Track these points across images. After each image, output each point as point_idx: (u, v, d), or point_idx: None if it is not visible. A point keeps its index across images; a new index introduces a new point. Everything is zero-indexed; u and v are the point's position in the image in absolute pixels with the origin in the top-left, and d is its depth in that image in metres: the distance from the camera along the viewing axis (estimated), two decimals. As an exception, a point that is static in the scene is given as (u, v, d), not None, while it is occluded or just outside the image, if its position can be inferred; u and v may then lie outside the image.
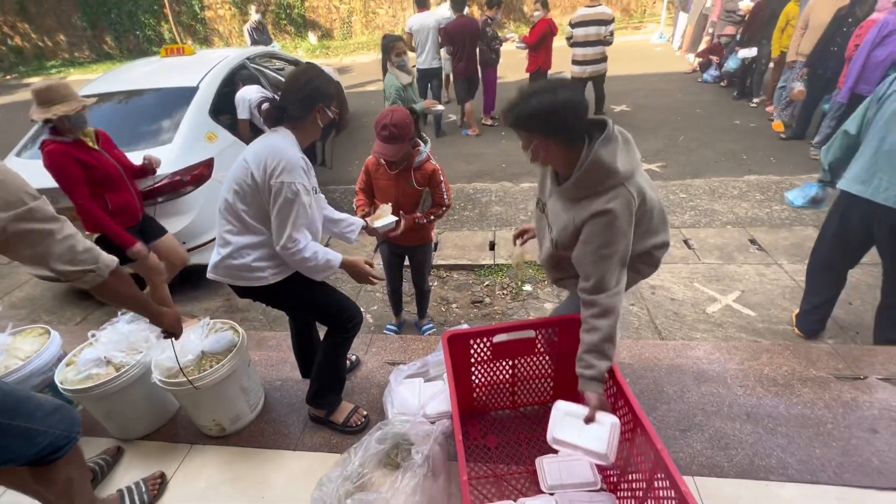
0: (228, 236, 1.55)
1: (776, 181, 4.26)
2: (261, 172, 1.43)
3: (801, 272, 3.08)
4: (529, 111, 1.28)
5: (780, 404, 1.70)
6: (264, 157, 1.43)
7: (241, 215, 1.51)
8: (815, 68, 4.57)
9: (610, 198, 1.29)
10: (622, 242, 1.32)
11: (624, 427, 1.29)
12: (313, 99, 1.49)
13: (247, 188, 1.47)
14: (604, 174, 1.29)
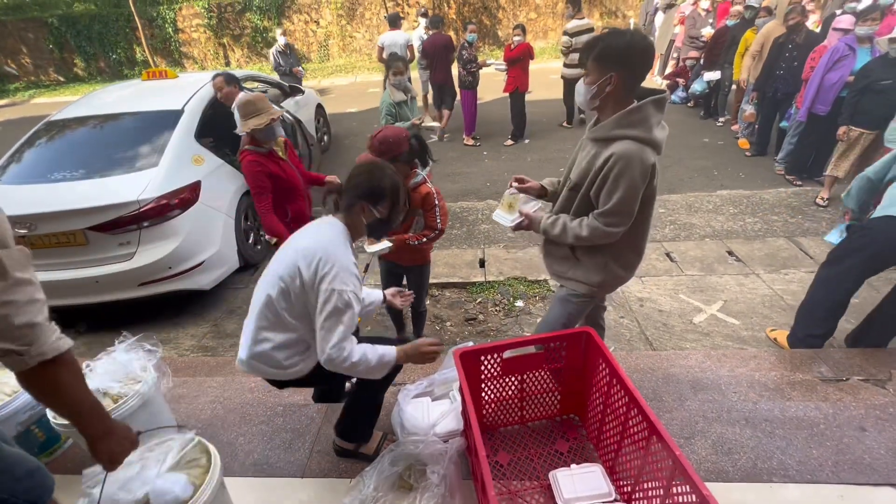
0: (264, 333, 1.48)
1: (746, 195, 4.49)
2: (311, 273, 1.37)
3: (778, 280, 3.25)
4: (622, 45, 1.44)
5: (775, 408, 1.77)
6: (317, 257, 1.37)
7: (280, 313, 1.44)
8: (763, 91, 4.91)
9: (632, 145, 1.48)
10: (635, 185, 1.48)
11: (637, 436, 1.32)
12: (359, 195, 1.49)
13: (294, 288, 1.40)
14: (640, 121, 1.48)
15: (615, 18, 13.06)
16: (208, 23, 13.65)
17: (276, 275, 1.44)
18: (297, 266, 1.39)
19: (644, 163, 1.48)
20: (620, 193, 1.50)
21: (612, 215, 1.56)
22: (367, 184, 1.49)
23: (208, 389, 2.27)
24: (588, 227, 1.61)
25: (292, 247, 1.47)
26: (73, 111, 3.73)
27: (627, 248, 1.68)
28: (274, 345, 1.47)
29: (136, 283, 3.02)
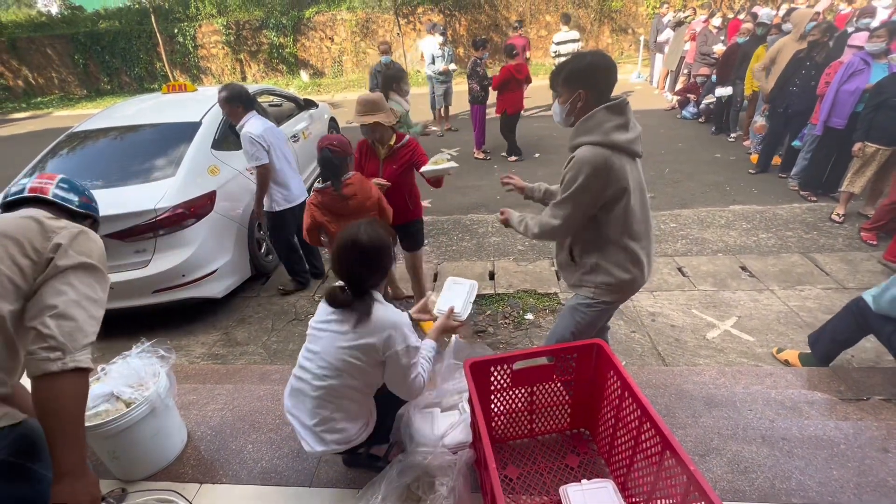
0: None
1: (760, 210, 4.44)
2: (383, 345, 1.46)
3: (793, 297, 3.20)
4: (585, 65, 1.59)
5: (793, 426, 1.73)
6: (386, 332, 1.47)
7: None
8: (776, 105, 4.88)
9: (588, 149, 1.58)
10: (583, 185, 1.57)
11: (651, 451, 1.30)
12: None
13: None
14: (594, 126, 1.58)
15: (625, 35, 13.19)
16: (226, 39, 14.06)
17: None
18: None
19: (597, 163, 1.56)
20: (568, 190, 1.62)
21: (555, 207, 1.69)
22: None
23: (218, 396, 2.27)
24: (538, 220, 1.79)
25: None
26: (94, 123, 3.85)
27: (611, 245, 1.72)
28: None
29: (151, 289, 3.07)
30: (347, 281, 1.52)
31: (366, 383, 1.54)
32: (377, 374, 1.52)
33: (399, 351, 1.45)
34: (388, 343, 1.44)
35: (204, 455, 1.78)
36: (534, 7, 13.19)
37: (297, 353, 2.98)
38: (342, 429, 1.52)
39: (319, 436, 1.52)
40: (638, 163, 1.69)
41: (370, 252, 1.48)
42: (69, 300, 1.04)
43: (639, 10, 12.98)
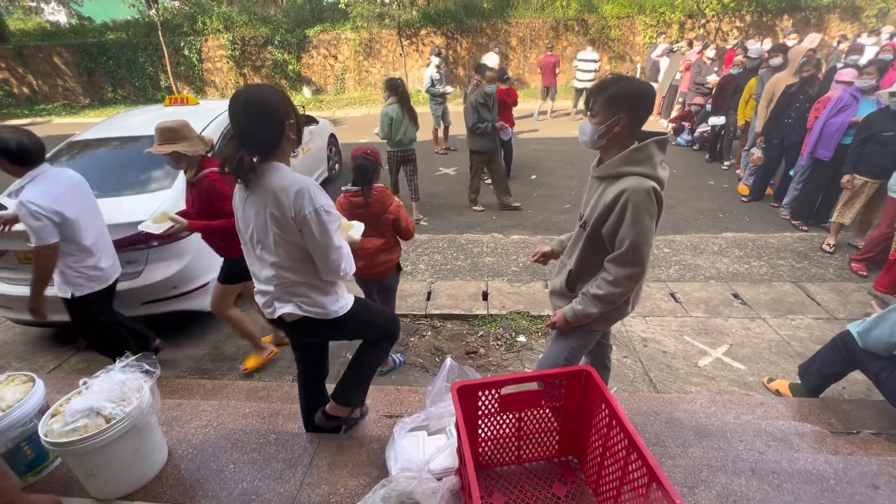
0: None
1: (752, 238, 4.49)
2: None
3: (785, 326, 3.21)
4: (632, 90, 1.54)
5: (783, 459, 1.71)
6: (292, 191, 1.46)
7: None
8: (770, 137, 5.00)
9: (641, 180, 1.53)
10: (648, 222, 1.53)
11: (637, 482, 1.28)
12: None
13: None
14: (645, 159, 1.55)
15: (622, 63, 13.50)
16: (231, 54, 14.28)
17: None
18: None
19: (653, 196, 1.53)
20: (637, 228, 1.54)
21: (630, 252, 1.58)
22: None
23: (202, 413, 2.23)
24: (609, 280, 1.64)
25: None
26: (94, 133, 3.87)
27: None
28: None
29: (141, 301, 3.04)
30: (245, 141, 1.42)
31: (300, 257, 1.53)
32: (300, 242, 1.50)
33: (307, 214, 1.43)
34: (298, 203, 1.42)
35: (184, 474, 1.74)
36: (533, 32, 13.54)
37: (286, 370, 2.98)
38: (306, 293, 1.58)
39: (284, 296, 1.57)
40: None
41: (258, 105, 1.40)
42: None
43: (636, 39, 13.34)
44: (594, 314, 1.72)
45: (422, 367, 3.04)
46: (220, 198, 2.49)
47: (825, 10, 12.78)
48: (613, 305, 1.70)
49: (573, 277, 1.84)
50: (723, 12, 12.62)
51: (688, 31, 12.82)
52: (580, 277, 1.82)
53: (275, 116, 1.42)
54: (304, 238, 1.49)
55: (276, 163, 1.47)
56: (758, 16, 12.87)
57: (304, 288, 1.59)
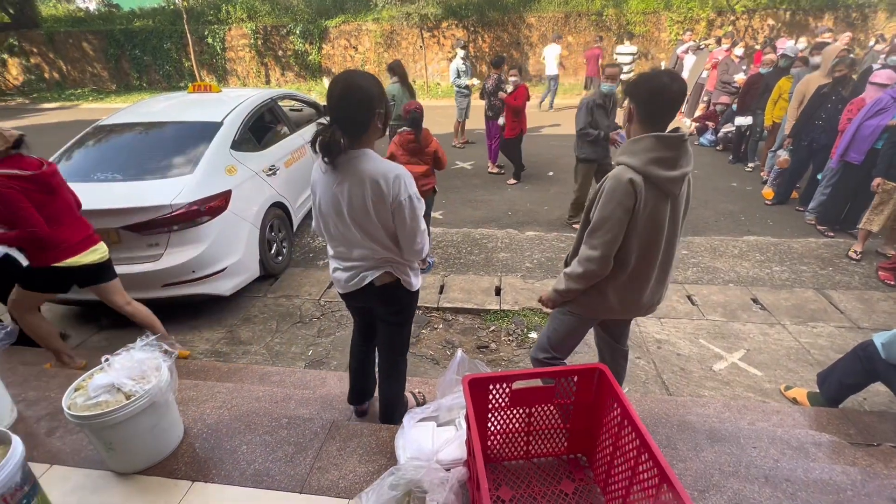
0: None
1: (774, 243, 4.38)
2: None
3: (805, 333, 3.13)
4: (640, 81, 1.59)
5: (798, 468, 1.67)
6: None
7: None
8: (798, 139, 4.84)
9: (622, 169, 1.57)
10: (612, 208, 1.56)
11: (648, 483, 1.27)
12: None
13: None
14: (638, 151, 1.55)
15: (646, 61, 13.22)
16: (254, 43, 14.41)
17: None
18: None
19: (630, 188, 1.54)
20: (601, 212, 1.61)
21: (592, 233, 1.65)
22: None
23: (217, 394, 2.28)
24: (576, 259, 1.73)
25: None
26: (120, 118, 3.95)
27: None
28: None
29: (161, 283, 3.11)
30: (338, 122, 1.49)
31: (391, 236, 1.65)
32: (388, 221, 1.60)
33: (403, 200, 1.53)
34: (396, 189, 1.52)
35: (198, 453, 1.78)
36: (556, 28, 13.33)
37: (300, 357, 3.02)
38: (397, 265, 1.72)
39: (378, 265, 1.71)
40: (681, 201, 1.65)
41: (355, 90, 1.47)
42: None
43: (661, 35, 13.05)
44: (562, 290, 1.80)
45: (432, 359, 3.05)
46: (8, 204, 2.16)
47: (869, 8, 12.25)
48: (577, 285, 1.74)
49: (569, 256, 1.91)
50: (755, 9, 12.24)
51: (716, 29, 12.48)
52: (573, 257, 1.86)
53: (368, 103, 1.49)
54: (394, 220, 1.59)
55: (367, 149, 1.57)
56: (791, 14, 12.44)
57: (395, 263, 1.73)
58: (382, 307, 1.86)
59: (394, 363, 2.01)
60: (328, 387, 2.54)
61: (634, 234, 1.61)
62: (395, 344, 1.97)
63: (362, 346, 2.09)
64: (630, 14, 12.86)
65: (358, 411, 2.23)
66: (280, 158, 4.18)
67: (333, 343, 3.17)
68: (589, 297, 1.76)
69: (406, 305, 1.87)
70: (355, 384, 2.15)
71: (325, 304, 3.62)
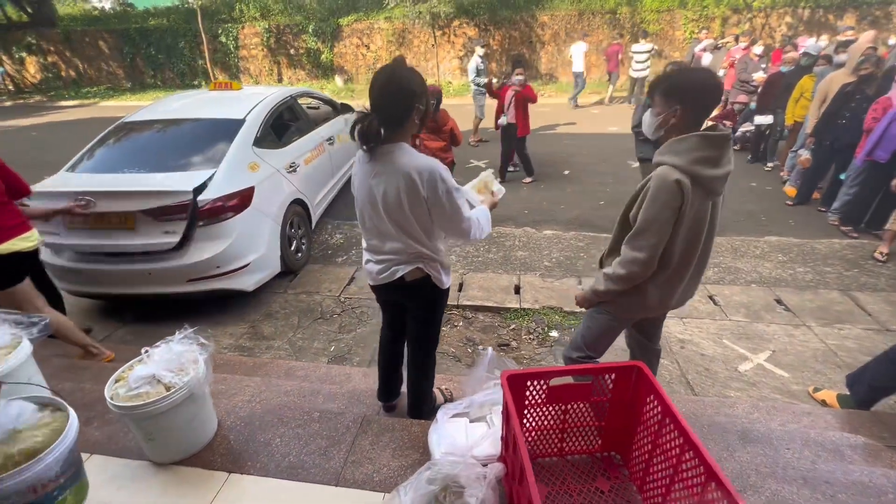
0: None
1: (797, 243, 4.32)
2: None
3: (832, 335, 3.09)
4: (688, 82, 1.53)
5: (836, 470, 1.65)
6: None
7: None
8: (821, 138, 4.77)
9: (668, 170, 1.52)
10: (658, 210, 1.53)
11: (692, 481, 1.26)
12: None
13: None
14: (683, 151, 1.52)
15: (660, 59, 13.10)
16: (267, 41, 14.51)
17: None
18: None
19: (677, 188, 1.51)
20: (646, 213, 1.57)
21: (637, 235, 1.61)
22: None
23: (245, 388, 2.31)
24: (618, 260, 1.69)
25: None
26: (144, 115, 4.00)
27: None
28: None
29: (186, 278, 3.15)
30: (376, 111, 1.52)
31: (426, 231, 1.66)
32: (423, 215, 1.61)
33: (441, 194, 1.53)
34: (431, 183, 1.52)
35: (233, 445, 1.80)
36: (569, 26, 13.27)
37: (322, 352, 3.04)
38: (429, 261, 1.73)
39: (411, 260, 1.71)
40: (719, 201, 1.64)
41: (397, 82, 1.49)
42: None
43: (676, 34, 12.93)
44: (601, 292, 1.77)
45: (454, 356, 3.05)
46: None
47: (893, 5, 12.02)
48: (618, 286, 1.72)
49: (604, 255, 1.89)
50: (773, 6, 12.07)
51: (731, 27, 12.34)
52: (609, 256, 1.85)
53: (408, 97, 1.51)
54: (432, 215, 1.60)
55: (403, 143, 1.58)
56: (811, 11, 12.25)
57: (427, 259, 1.73)
58: (412, 302, 1.86)
59: (423, 359, 2.01)
60: (354, 382, 2.56)
61: (679, 234, 1.59)
62: (425, 340, 1.98)
63: (392, 341, 2.10)
64: (644, 12, 12.75)
65: (386, 407, 2.24)
66: (300, 155, 4.21)
67: (355, 339, 3.19)
68: (628, 296, 1.75)
69: (435, 302, 1.87)
70: (385, 381, 2.17)
71: (344, 300, 3.63)
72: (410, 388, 2.08)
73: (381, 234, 1.70)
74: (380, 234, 1.70)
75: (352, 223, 4.98)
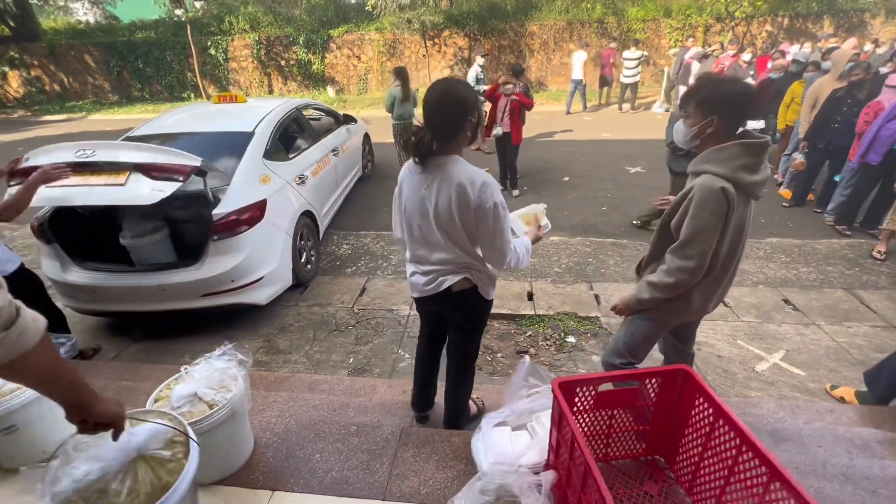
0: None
1: (798, 244, 4.43)
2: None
3: (841, 333, 3.16)
4: (725, 93, 1.57)
5: (874, 465, 1.69)
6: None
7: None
8: (814, 142, 4.93)
9: (712, 179, 1.56)
10: (707, 218, 1.56)
11: (751, 481, 1.28)
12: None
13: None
14: (725, 159, 1.57)
15: (646, 66, 13.40)
16: (257, 54, 14.47)
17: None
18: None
19: (722, 196, 1.55)
20: (695, 222, 1.59)
21: (685, 245, 1.64)
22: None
23: (273, 404, 2.27)
24: (664, 269, 1.71)
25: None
26: (150, 129, 3.96)
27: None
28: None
29: (199, 293, 3.10)
30: (430, 125, 1.56)
31: (473, 242, 1.68)
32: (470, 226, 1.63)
33: (489, 207, 1.54)
34: (483, 195, 1.54)
35: (272, 462, 1.78)
36: (557, 35, 13.51)
37: (341, 365, 3.02)
38: (475, 272, 1.75)
39: (458, 270, 1.73)
40: (752, 204, 1.68)
41: (451, 97, 1.53)
42: None
43: (661, 42, 13.24)
44: (646, 300, 1.78)
45: (475, 365, 3.05)
46: None
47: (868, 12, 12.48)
48: (664, 294, 1.74)
49: (643, 263, 1.92)
50: (754, 15, 12.45)
51: (714, 35, 12.69)
52: (648, 264, 1.88)
53: (461, 111, 1.53)
54: (477, 227, 1.61)
55: (456, 155, 1.61)
56: (790, 19, 12.68)
57: (475, 269, 1.76)
58: (457, 313, 1.87)
59: (463, 370, 2.02)
60: (380, 394, 2.54)
61: (725, 239, 1.63)
62: (466, 351, 1.98)
63: (430, 352, 2.10)
64: (630, 21, 13.04)
65: (419, 417, 2.23)
66: (308, 167, 4.20)
67: (373, 351, 3.17)
68: (672, 303, 1.77)
69: (480, 313, 1.88)
70: (421, 391, 2.16)
71: (358, 311, 3.61)
72: (448, 400, 2.08)
73: (430, 245, 1.71)
74: (428, 245, 1.71)
75: (357, 233, 4.97)
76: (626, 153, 7.44)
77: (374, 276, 4.14)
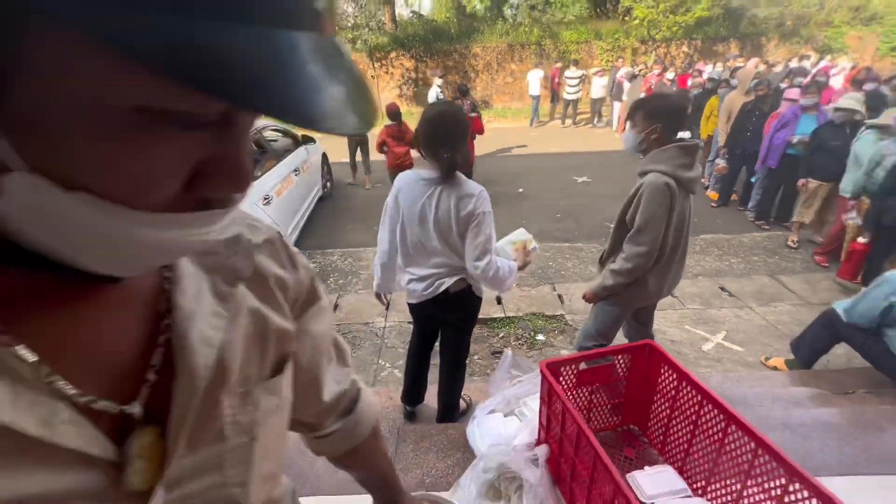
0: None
1: (727, 239, 4.99)
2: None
3: (770, 313, 3.61)
4: (667, 105, 1.91)
5: (805, 415, 2.01)
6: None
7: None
8: (732, 149, 5.63)
9: (657, 176, 1.85)
10: (655, 209, 1.83)
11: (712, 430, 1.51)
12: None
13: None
14: (666, 159, 1.86)
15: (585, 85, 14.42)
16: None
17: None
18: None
19: (666, 190, 1.84)
20: (646, 213, 1.88)
21: (639, 233, 1.91)
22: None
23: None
24: (623, 256, 1.97)
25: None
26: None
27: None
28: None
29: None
30: (447, 146, 1.72)
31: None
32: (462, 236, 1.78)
33: (479, 213, 1.72)
34: (478, 204, 1.73)
35: (275, 471, 1.81)
36: (500, 56, 14.24)
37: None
38: (468, 274, 1.86)
39: (453, 273, 1.88)
40: (690, 199, 1.98)
41: (447, 118, 1.72)
42: None
43: (594, 62, 14.33)
44: (610, 286, 2.05)
45: (454, 368, 3.19)
46: None
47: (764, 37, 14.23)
48: (625, 279, 2.00)
49: (604, 256, 2.18)
50: (672, 38, 13.83)
51: (640, 56, 13.93)
52: (609, 256, 2.14)
53: (463, 132, 1.74)
54: (469, 230, 1.76)
55: (456, 171, 1.78)
56: (703, 42, 14.19)
57: (466, 272, 1.88)
58: (453, 313, 2.01)
59: (457, 367, 2.15)
60: (368, 401, 2.60)
61: (670, 228, 1.91)
62: (460, 349, 2.12)
63: (421, 349, 2.22)
64: (566, 43, 14.03)
65: (409, 413, 2.33)
66: (272, 188, 4.21)
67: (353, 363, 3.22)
68: (632, 288, 2.03)
69: (474, 311, 2.04)
70: (412, 387, 2.27)
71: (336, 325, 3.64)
72: (441, 396, 2.20)
73: (426, 251, 1.85)
74: (424, 251, 1.86)
75: (324, 251, 4.99)
76: (575, 164, 7.98)
77: (346, 291, 4.19)
